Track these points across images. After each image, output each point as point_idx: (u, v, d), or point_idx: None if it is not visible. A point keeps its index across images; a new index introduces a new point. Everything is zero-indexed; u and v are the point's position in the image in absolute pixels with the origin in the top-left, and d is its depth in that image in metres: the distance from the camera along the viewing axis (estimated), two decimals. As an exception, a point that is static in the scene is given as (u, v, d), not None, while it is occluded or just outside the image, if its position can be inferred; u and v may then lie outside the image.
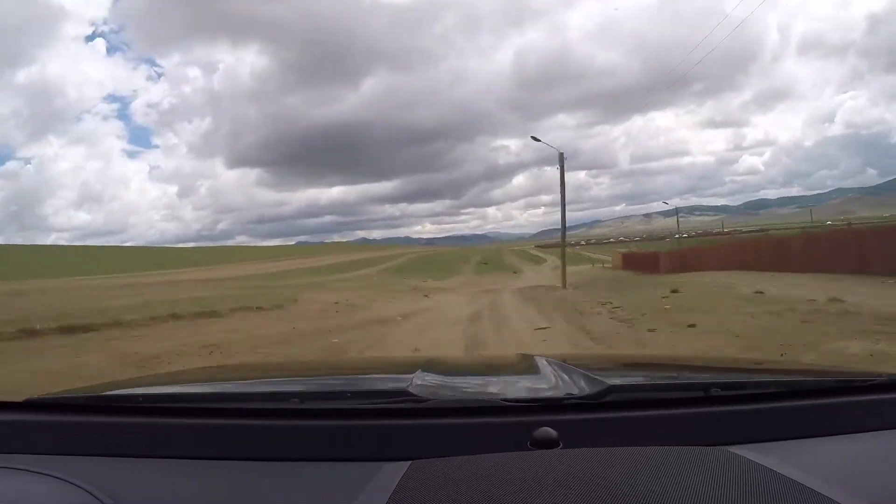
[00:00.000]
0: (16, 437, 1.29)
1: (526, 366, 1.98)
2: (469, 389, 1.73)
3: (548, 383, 1.53)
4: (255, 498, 1.08)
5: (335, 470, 1.14)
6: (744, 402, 1.33)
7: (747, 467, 0.99)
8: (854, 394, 1.38)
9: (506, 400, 1.33)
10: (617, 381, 1.45)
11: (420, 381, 1.47)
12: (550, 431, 1.15)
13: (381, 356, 8.64)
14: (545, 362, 1.75)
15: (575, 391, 1.36)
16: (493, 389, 1.68)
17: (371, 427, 1.24)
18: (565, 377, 1.51)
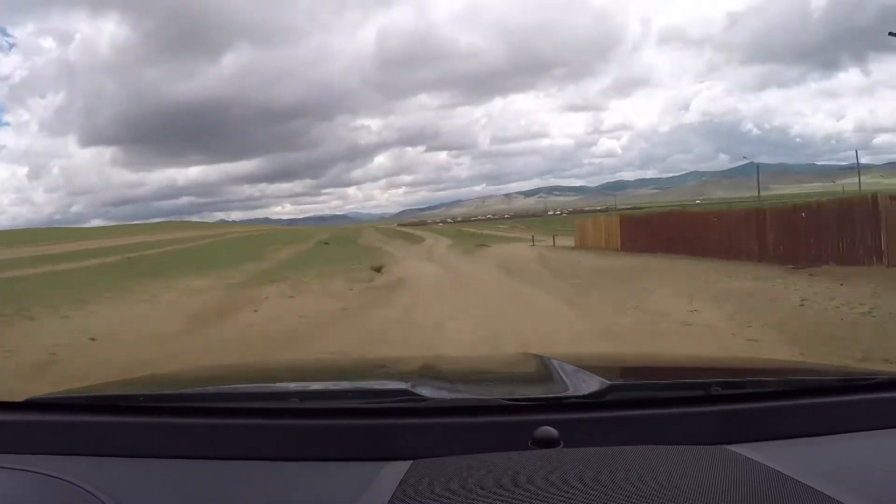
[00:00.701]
0: (16, 437, 1.30)
1: (527, 365, 1.97)
2: (470, 388, 1.72)
3: (548, 382, 1.54)
4: (256, 498, 1.09)
5: (336, 470, 1.15)
6: (744, 400, 1.33)
7: (748, 466, 1.01)
8: (855, 392, 1.38)
9: (507, 399, 1.33)
10: (618, 380, 1.48)
11: (421, 381, 1.48)
12: (551, 430, 1.16)
13: (382, 356, 7.75)
14: (546, 361, 1.74)
15: (576, 390, 1.36)
16: (493, 388, 1.71)
17: (372, 427, 1.25)
18: (566, 376, 1.50)
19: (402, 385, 1.41)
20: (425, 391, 1.36)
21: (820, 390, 1.40)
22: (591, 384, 1.37)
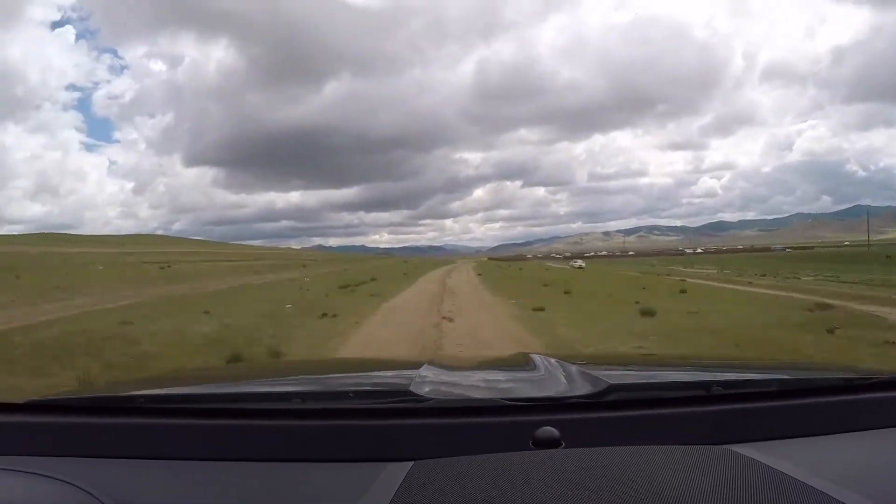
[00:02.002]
0: (16, 438, 1.29)
1: (527, 365, 1.94)
2: (471, 389, 1.72)
3: (549, 383, 1.53)
4: (257, 499, 1.09)
5: (337, 470, 1.14)
6: (745, 400, 1.33)
7: (749, 466, 1.00)
8: (856, 392, 1.38)
9: (508, 399, 1.33)
10: (618, 380, 1.45)
11: (422, 381, 1.47)
12: (552, 431, 1.16)
13: (383, 356, 8.24)
14: (546, 361, 1.74)
15: (577, 390, 1.36)
16: (495, 389, 1.69)
17: (373, 427, 1.24)
18: (567, 376, 1.50)
19: (403, 385, 1.41)
20: (426, 391, 1.36)
21: (820, 390, 1.39)
22: (592, 384, 1.36)
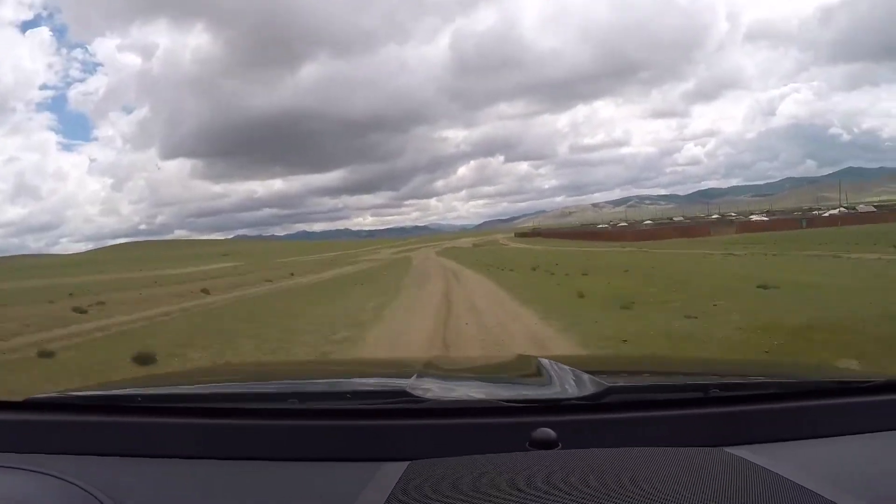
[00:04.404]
0: (16, 436, 1.30)
1: (525, 366, 1.96)
2: (468, 390, 1.68)
3: (546, 384, 1.52)
4: (255, 498, 1.09)
5: (334, 470, 1.15)
6: (742, 402, 1.34)
7: (746, 468, 1.01)
8: (852, 395, 1.38)
9: (504, 400, 1.33)
10: (616, 381, 1.46)
11: (419, 382, 1.49)
12: (549, 432, 1.16)
13: (381, 357, 8.15)
14: (544, 363, 1.72)
15: (574, 392, 1.35)
16: (491, 390, 1.69)
17: (369, 427, 1.25)
18: (564, 378, 1.49)
19: (400, 386, 1.41)
20: (423, 392, 1.36)
21: (817, 393, 1.39)
22: (589, 386, 1.36)
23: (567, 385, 1.42)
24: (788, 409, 1.31)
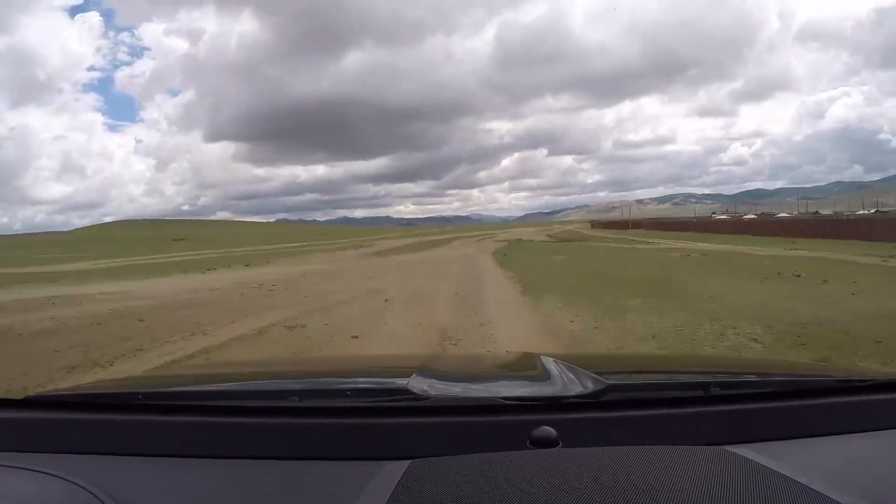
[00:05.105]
0: (16, 434, 1.30)
1: (526, 364, 1.96)
2: (469, 388, 1.71)
3: (547, 382, 1.52)
4: (255, 496, 1.09)
5: (335, 469, 1.15)
6: (743, 401, 1.33)
7: (746, 467, 1.00)
8: (853, 394, 1.38)
9: (505, 398, 1.33)
10: (616, 380, 1.46)
11: (420, 380, 1.47)
12: (550, 430, 1.16)
13: (382, 354, 7.88)
14: (545, 361, 1.72)
15: (574, 390, 1.36)
16: (492, 388, 1.69)
17: (371, 425, 1.25)
18: (565, 376, 1.49)
19: (401, 384, 1.41)
20: (424, 390, 1.36)
21: (818, 391, 1.40)
22: (589, 384, 1.36)
23: (568, 383, 1.42)
24: (789, 407, 1.30)
